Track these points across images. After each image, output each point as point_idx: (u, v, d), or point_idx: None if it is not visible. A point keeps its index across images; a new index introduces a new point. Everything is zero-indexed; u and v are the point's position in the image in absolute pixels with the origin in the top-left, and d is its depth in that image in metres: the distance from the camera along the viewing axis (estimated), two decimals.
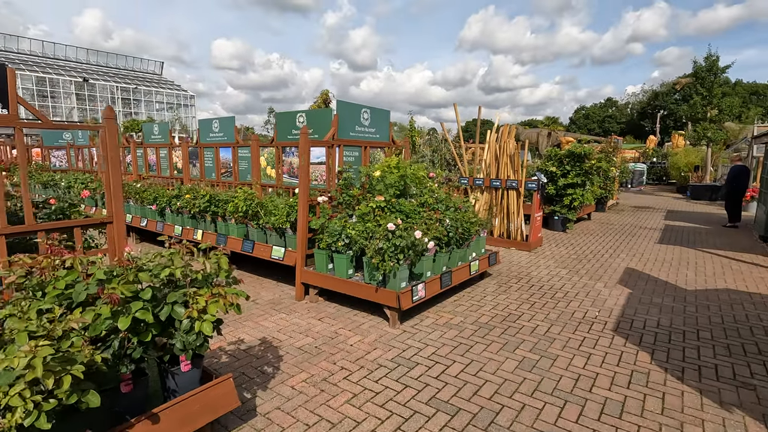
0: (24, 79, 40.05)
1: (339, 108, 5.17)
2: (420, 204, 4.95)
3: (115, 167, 3.10)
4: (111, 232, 3.16)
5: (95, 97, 44.61)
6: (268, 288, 5.44)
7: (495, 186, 8.10)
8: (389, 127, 6.18)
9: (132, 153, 10.15)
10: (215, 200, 5.86)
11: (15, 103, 2.67)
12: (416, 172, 4.99)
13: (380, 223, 4.32)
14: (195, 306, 1.87)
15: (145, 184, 7.95)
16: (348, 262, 4.48)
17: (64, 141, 13.49)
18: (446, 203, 5.16)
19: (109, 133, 3.06)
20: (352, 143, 5.42)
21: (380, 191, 4.71)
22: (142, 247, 7.67)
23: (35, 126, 2.76)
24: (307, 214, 4.81)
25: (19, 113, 2.78)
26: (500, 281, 5.77)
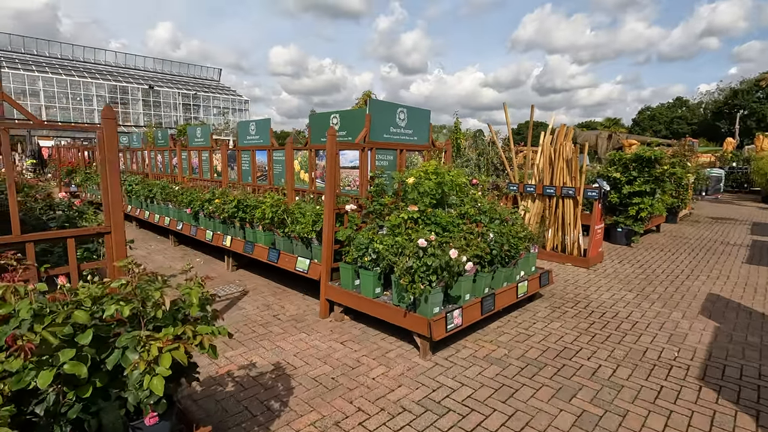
0: (100, 87, 43.51)
1: (372, 107, 4.69)
2: (460, 215, 4.35)
3: (113, 171, 2.81)
4: (109, 243, 2.87)
5: (160, 103, 47.61)
6: (293, 301, 5.06)
7: (549, 194, 7.27)
8: (429, 128, 5.62)
9: (177, 156, 10.28)
10: (243, 205, 5.59)
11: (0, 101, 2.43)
12: (456, 179, 4.39)
13: (412, 236, 3.78)
14: (144, 355, 1.45)
15: (183, 187, 7.93)
16: (375, 280, 3.97)
17: (121, 144, 14.17)
18: (490, 214, 4.51)
19: (107, 134, 2.76)
20: (386, 146, 4.92)
21: (414, 200, 4.17)
22: (179, 250, 7.64)
23: (23, 126, 2.51)
24: (333, 224, 4.37)
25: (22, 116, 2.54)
26: (553, 304, 5.01)
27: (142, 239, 8.63)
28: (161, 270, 6.64)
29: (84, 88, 42.41)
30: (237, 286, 5.55)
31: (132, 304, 1.59)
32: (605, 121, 58.24)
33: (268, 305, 4.91)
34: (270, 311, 4.73)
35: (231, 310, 4.76)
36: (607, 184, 7.60)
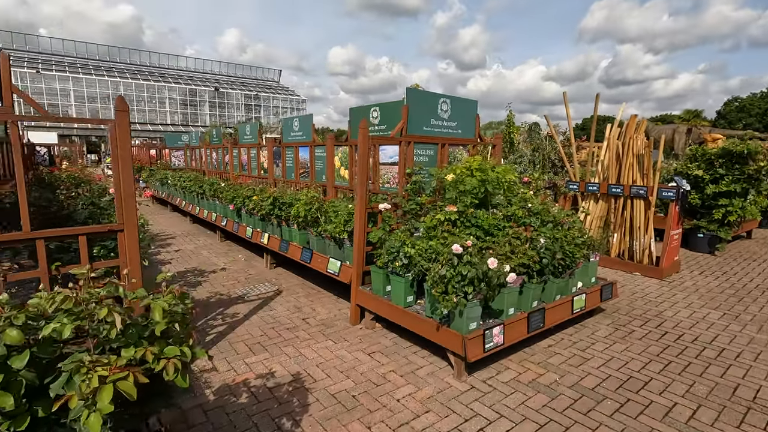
0: (172, 90, 46.82)
1: (410, 98, 4.30)
2: (506, 217, 3.84)
3: (126, 167, 2.67)
4: (122, 241, 2.75)
5: (224, 104, 50.32)
6: (325, 304, 4.82)
7: (615, 193, 6.45)
8: (476, 120, 5.12)
9: (229, 153, 10.52)
10: (279, 203, 5.45)
11: (9, 93, 2.35)
12: (502, 176, 3.89)
13: (448, 241, 3.35)
14: (83, 386, 1.20)
15: (230, 184, 8.03)
16: (406, 287, 3.60)
17: (182, 143, 14.91)
18: (543, 217, 3.95)
19: (120, 129, 2.63)
20: (425, 140, 4.50)
21: (452, 200, 3.73)
22: (224, 246, 7.74)
23: (32, 119, 2.43)
24: (364, 224, 4.05)
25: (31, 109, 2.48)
26: (617, 322, 4.34)
27: (193, 234, 8.90)
28: (204, 266, 6.77)
29: (158, 91, 45.88)
30: (272, 285, 5.43)
31: (78, 322, 1.36)
32: (684, 114, 52.90)
33: (299, 307, 4.71)
34: (300, 314, 4.52)
35: (262, 310, 4.62)
36: (686, 183, 6.60)
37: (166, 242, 8.07)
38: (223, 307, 4.68)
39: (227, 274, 5.94)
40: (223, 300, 4.92)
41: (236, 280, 5.70)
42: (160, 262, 6.56)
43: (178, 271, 6.06)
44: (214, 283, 5.51)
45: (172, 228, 9.58)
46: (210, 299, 4.94)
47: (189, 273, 5.99)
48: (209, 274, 5.98)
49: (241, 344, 3.77)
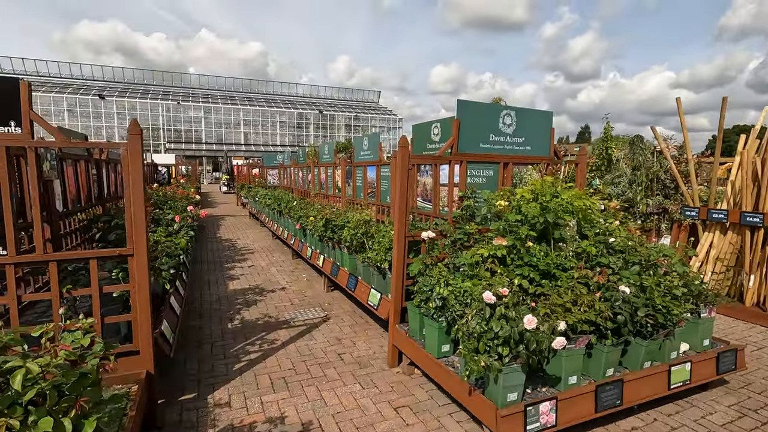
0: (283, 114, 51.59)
1: (461, 111, 3.76)
2: (577, 254, 3.05)
3: (137, 190, 2.62)
4: (132, 266, 2.69)
5: (327, 125, 53.82)
6: (369, 337, 4.41)
7: (751, 223, 5.00)
8: (550, 135, 4.34)
9: (311, 172, 10.85)
10: (331, 225, 5.24)
11: (28, 120, 2.43)
12: (571, 203, 3.11)
13: (492, 282, 2.72)
14: None
15: (302, 202, 8.16)
16: (441, 334, 3.02)
17: (277, 162, 15.97)
18: (629, 256, 3.06)
19: (131, 152, 2.59)
20: (481, 158, 3.89)
21: (501, 231, 3.07)
22: (293, 264, 7.82)
23: (50, 144, 2.49)
24: (404, 254, 3.57)
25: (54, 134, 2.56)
26: (745, 403, 3.16)
27: (271, 250, 9.23)
28: (267, 284, 6.86)
29: (271, 116, 50.93)
30: (321, 311, 5.20)
31: None
32: None
33: (339, 339, 4.37)
34: (338, 347, 4.17)
35: (301, 339, 4.38)
36: None
37: (244, 257, 8.46)
38: (266, 332, 4.55)
39: (284, 295, 5.89)
40: (269, 323, 4.81)
41: (290, 301, 5.60)
42: (230, 277, 6.81)
43: (242, 288, 6.19)
44: (268, 304, 5.48)
45: (256, 243, 10.09)
46: (258, 321, 4.87)
47: (250, 291, 6.08)
48: (268, 293, 5.99)
49: (266, 378, 3.54)
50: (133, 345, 2.75)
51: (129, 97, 45.45)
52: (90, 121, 43.32)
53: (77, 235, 4.82)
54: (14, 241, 2.43)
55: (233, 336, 4.43)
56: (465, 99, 3.81)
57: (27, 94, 2.39)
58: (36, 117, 2.41)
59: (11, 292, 2.42)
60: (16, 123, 2.38)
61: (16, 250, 2.43)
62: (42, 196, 3.88)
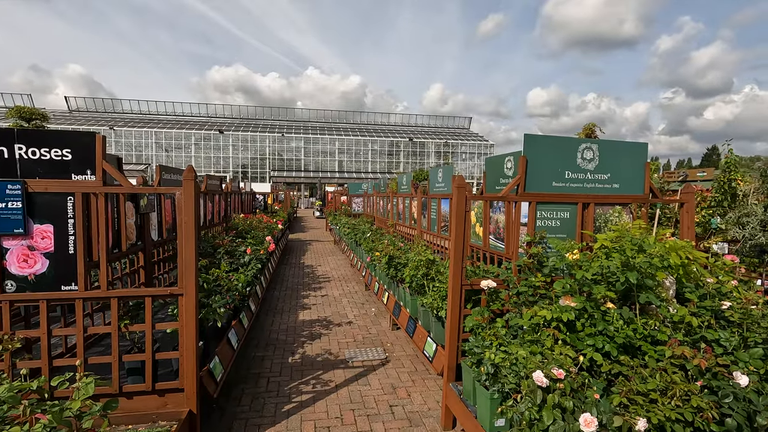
0: (374, 143, 53.75)
1: (529, 146, 3.36)
2: (673, 322, 2.44)
3: (189, 234, 2.73)
4: (182, 305, 2.79)
5: (417, 152, 54.61)
6: (428, 389, 4.06)
7: None
8: (645, 170, 3.69)
9: (390, 201, 10.90)
10: (395, 262, 5.05)
11: (101, 169, 2.69)
12: (665, 257, 2.52)
13: (555, 352, 2.27)
14: None
15: (376, 232, 8.14)
16: (494, 406, 2.60)
17: (362, 190, 16.42)
18: (749, 332, 2.36)
19: (185, 196, 2.72)
20: (554, 198, 3.42)
21: (569, 290, 2.59)
22: (366, 296, 7.76)
23: (115, 190, 2.71)
24: (461, 303, 3.23)
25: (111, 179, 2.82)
26: None
27: (347, 279, 9.32)
28: (335, 316, 6.86)
29: (363, 144, 53.35)
30: (382, 352, 4.98)
31: None
32: None
33: (395, 388, 4.09)
34: (392, 397, 3.90)
35: (356, 382, 4.20)
36: None
37: (320, 285, 8.65)
38: (323, 370, 4.47)
39: (349, 330, 5.80)
40: (328, 361, 4.72)
41: (353, 338, 5.48)
42: (302, 306, 6.96)
43: (311, 319, 6.26)
44: (331, 339, 5.42)
45: (334, 271, 10.31)
46: (317, 357, 4.82)
47: (318, 323, 6.11)
48: (334, 326, 5.96)
49: (310, 425, 3.40)
50: (179, 383, 2.82)
51: (243, 131, 51.37)
52: (211, 152, 49.70)
53: (169, 263, 5.32)
54: (84, 278, 2.66)
55: (291, 372, 4.41)
56: (529, 127, 3.42)
57: (101, 146, 2.66)
58: (107, 167, 2.66)
59: (79, 325, 2.64)
60: (91, 171, 2.66)
61: (85, 286, 2.66)
62: (140, 227, 4.37)
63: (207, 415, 3.47)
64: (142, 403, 2.83)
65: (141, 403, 2.82)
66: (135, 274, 4.27)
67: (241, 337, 4.10)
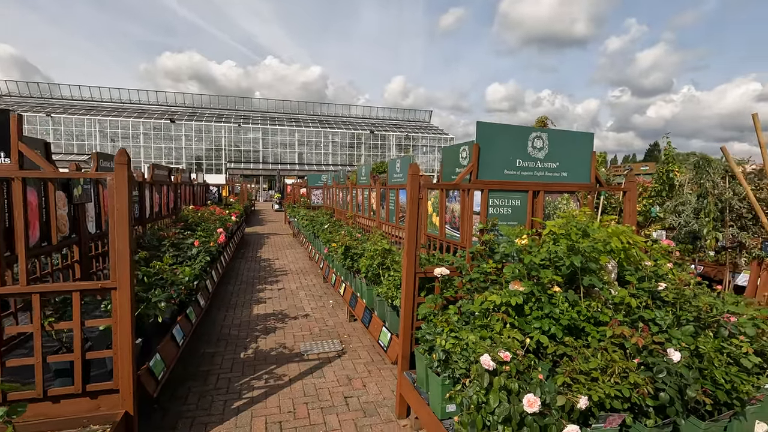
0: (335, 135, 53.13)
1: (481, 134, 3.38)
2: (614, 304, 2.53)
3: (122, 221, 2.52)
4: (115, 300, 2.58)
5: (378, 145, 54.54)
6: (384, 379, 4.04)
7: None
8: (591, 160, 3.82)
9: (349, 193, 10.78)
10: (351, 252, 4.98)
11: (17, 152, 2.42)
12: (607, 241, 2.61)
13: (503, 336, 2.29)
14: None
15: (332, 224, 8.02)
16: (445, 391, 2.60)
17: (321, 182, 16.17)
18: (682, 311, 2.49)
19: (117, 181, 2.50)
20: (505, 186, 3.47)
21: (518, 275, 2.63)
22: (323, 289, 7.64)
23: (34, 174, 2.45)
24: (414, 291, 3.21)
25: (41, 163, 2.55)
26: None
27: (305, 272, 9.14)
28: (291, 309, 6.70)
29: (324, 136, 52.61)
30: (339, 344, 4.91)
31: None
32: None
33: (350, 379, 4.04)
34: (347, 389, 3.84)
35: (311, 375, 4.11)
36: None
37: (277, 279, 8.43)
38: (276, 364, 4.34)
39: (305, 322, 5.68)
40: (282, 355, 4.59)
41: (310, 330, 5.37)
42: (257, 301, 6.74)
43: (266, 313, 6.07)
44: (287, 333, 5.28)
45: (292, 264, 10.09)
46: (271, 351, 4.68)
47: (273, 316, 5.94)
48: (290, 320, 5.82)
49: (261, 421, 3.29)
50: (113, 383, 2.62)
51: (196, 120, 49.07)
52: (162, 142, 47.18)
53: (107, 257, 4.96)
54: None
55: (243, 367, 4.25)
56: (486, 121, 3.43)
57: (17, 126, 2.39)
58: (24, 148, 2.39)
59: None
60: (5, 154, 2.38)
61: (1, 281, 2.40)
62: (73, 219, 4.02)
63: (148, 416, 3.27)
64: (72, 407, 2.60)
65: (70, 407, 2.60)
66: (70, 269, 3.94)
67: (188, 333, 3.89)
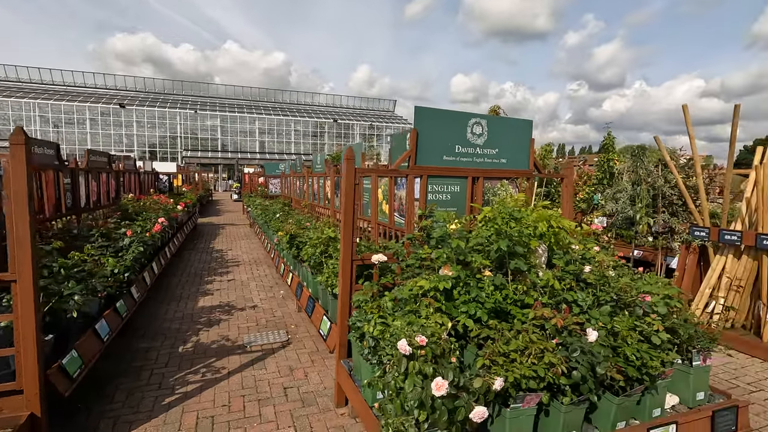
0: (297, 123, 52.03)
1: (420, 119, 3.34)
2: (542, 286, 2.58)
3: (20, 207, 2.29)
4: (16, 293, 2.36)
5: (341, 134, 53.98)
6: (325, 368, 3.98)
7: (767, 247, 4.40)
8: (530, 146, 3.88)
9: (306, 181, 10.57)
10: (296, 241, 4.86)
11: None
12: (536, 224, 2.65)
13: (430, 321, 2.28)
14: None
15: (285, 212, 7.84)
16: None
17: (279, 171, 15.78)
18: (602, 292, 2.57)
19: (14, 162, 2.27)
20: (444, 172, 3.46)
21: (446, 260, 2.63)
22: (276, 279, 7.47)
23: None
24: (351, 279, 3.16)
25: None
26: None
27: (259, 263, 8.90)
28: (239, 300, 6.50)
29: (286, 124, 51.42)
30: (285, 335, 4.80)
31: None
32: None
33: (293, 369, 3.96)
34: (287, 379, 3.76)
35: (252, 367, 3.99)
36: None
37: (228, 270, 8.16)
38: (216, 357, 4.18)
39: (253, 314, 5.52)
40: (224, 347, 4.44)
41: (256, 322, 5.22)
42: (204, 293, 6.49)
43: (211, 305, 5.85)
44: (231, 325, 5.11)
45: (246, 255, 9.80)
46: (212, 345, 4.51)
47: (219, 308, 5.74)
48: (237, 311, 5.64)
49: (192, 416, 3.15)
50: (16, 383, 2.41)
51: (149, 106, 46.54)
52: (112, 129, 44.49)
53: None
54: None
55: (180, 362, 4.07)
56: (426, 106, 3.40)
57: None
58: None
59: None
60: None
61: None
62: None
63: (70, 417, 3.06)
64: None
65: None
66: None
67: (116, 328, 3.67)
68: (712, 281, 4.96)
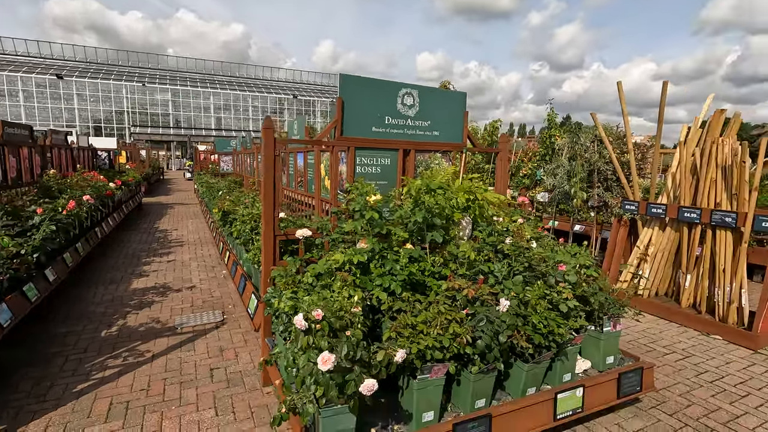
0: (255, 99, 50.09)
1: (346, 87, 3.19)
2: (458, 259, 2.56)
3: None
4: None
5: (303, 111, 52.56)
6: (258, 348, 3.87)
7: (688, 219, 4.64)
8: (463, 119, 3.82)
9: (255, 158, 10.18)
10: (229, 218, 4.65)
11: None
12: (456, 195, 2.61)
13: (343, 295, 2.20)
14: None
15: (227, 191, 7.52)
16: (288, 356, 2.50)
17: (231, 148, 15.13)
18: (515, 262, 2.59)
19: None
20: (372, 144, 3.35)
21: (363, 233, 2.56)
22: (219, 259, 7.20)
23: None
24: (273, 255, 3.04)
25: None
26: (648, 429, 2.76)
27: (204, 243, 8.55)
28: (177, 282, 6.20)
29: (244, 100, 49.35)
30: (220, 315, 4.63)
31: None
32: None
33: (223, 350, 3.83)
34: (216, 360, 3.63)
35: (179, 349, 3.82)
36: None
37: (170, 250, 7.78)
38: (142, 341, 3.97)
39: (189, 295, 5.30)
40: (152, 330, 4.23)
41: (191, 303, 5.01)
42: (139, 274, 6.15)
43: (145, 287, 5.56)
44: (164, 306, 4.88)
45: (191, 235, 9.40)
46: (140, 327, 4.28)
47: (153, 290, 5.46)
48: (172, 293, 5.38)
49: (105, 402, 2.97)
50: None
51: (91, 77, 43.10)
52: (49, 102, 41.02)
53: None
54: None
55: (100, 347, 3.84)
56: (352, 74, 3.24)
57: None
58: None
59: None
60: None
61: None
62: None
63: None
64: None
65: None
66: None
67: (20, 313, 3.37)
68: (640, 252, 5.22)
